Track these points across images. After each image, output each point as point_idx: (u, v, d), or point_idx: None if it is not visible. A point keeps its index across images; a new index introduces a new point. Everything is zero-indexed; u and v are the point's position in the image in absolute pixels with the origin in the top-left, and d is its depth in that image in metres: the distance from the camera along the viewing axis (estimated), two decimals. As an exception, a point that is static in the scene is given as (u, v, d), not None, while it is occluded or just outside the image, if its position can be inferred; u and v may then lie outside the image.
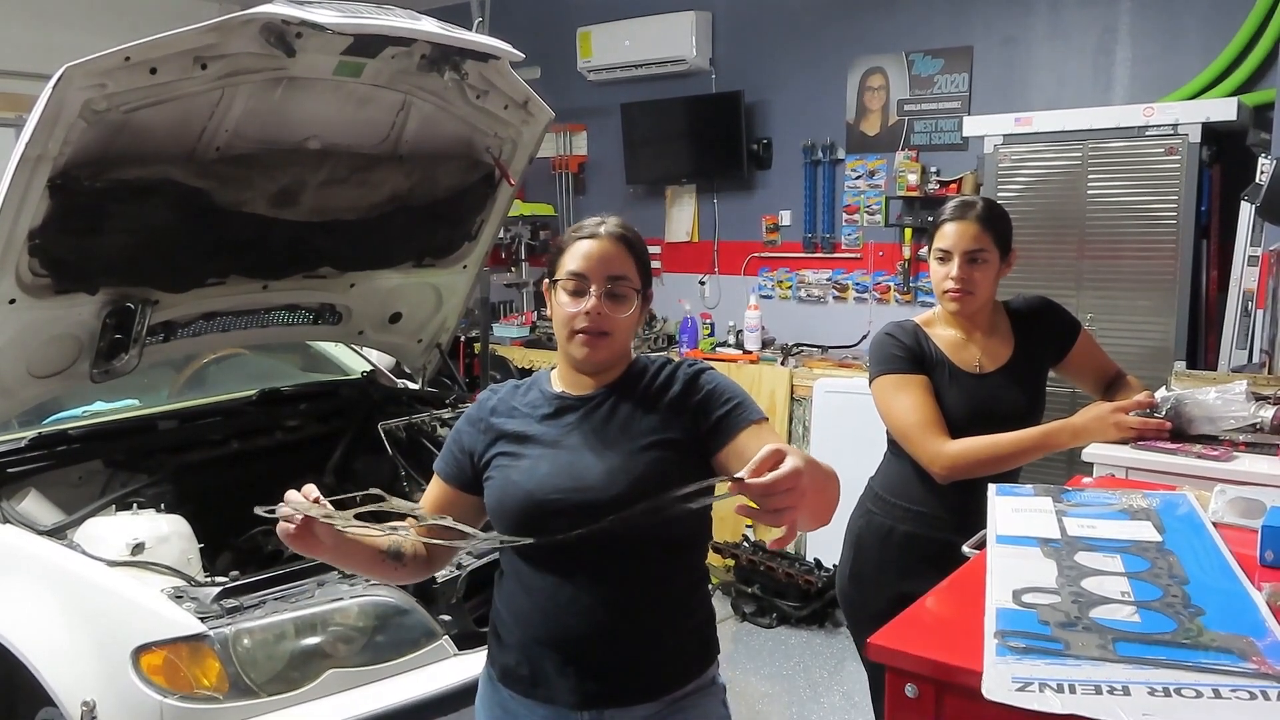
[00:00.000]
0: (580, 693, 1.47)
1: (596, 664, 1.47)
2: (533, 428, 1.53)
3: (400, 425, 3.10)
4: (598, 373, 1.54)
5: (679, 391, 1.52)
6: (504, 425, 1.54)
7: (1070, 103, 4.05)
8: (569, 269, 1.50)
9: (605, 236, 1.51)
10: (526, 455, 1.50)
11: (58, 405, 2.91)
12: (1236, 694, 0.98)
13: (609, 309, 1.48)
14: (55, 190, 2.22)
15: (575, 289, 1.49)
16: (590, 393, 1.54)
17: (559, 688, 1.48)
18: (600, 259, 1.49)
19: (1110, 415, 2.05)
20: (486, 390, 1.62)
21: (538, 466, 1.49)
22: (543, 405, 1.55)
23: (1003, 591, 1.23)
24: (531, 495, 1.46)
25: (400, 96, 2.67)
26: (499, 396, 1.59)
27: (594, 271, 1.48)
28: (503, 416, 1.55)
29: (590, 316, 1.47)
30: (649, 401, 1.52)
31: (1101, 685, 1.00)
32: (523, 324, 5.66)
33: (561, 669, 1.47)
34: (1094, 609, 1.17)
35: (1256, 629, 1.11)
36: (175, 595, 2.07)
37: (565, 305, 1.49)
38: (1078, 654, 1.06)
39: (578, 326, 1.48)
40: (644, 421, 1.50)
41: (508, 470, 1.50)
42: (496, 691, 1.56)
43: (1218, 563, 1.32)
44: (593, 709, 1.48)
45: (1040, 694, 0.99)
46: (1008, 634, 1.11)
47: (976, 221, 2.05)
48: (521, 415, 1.54)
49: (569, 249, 1.51)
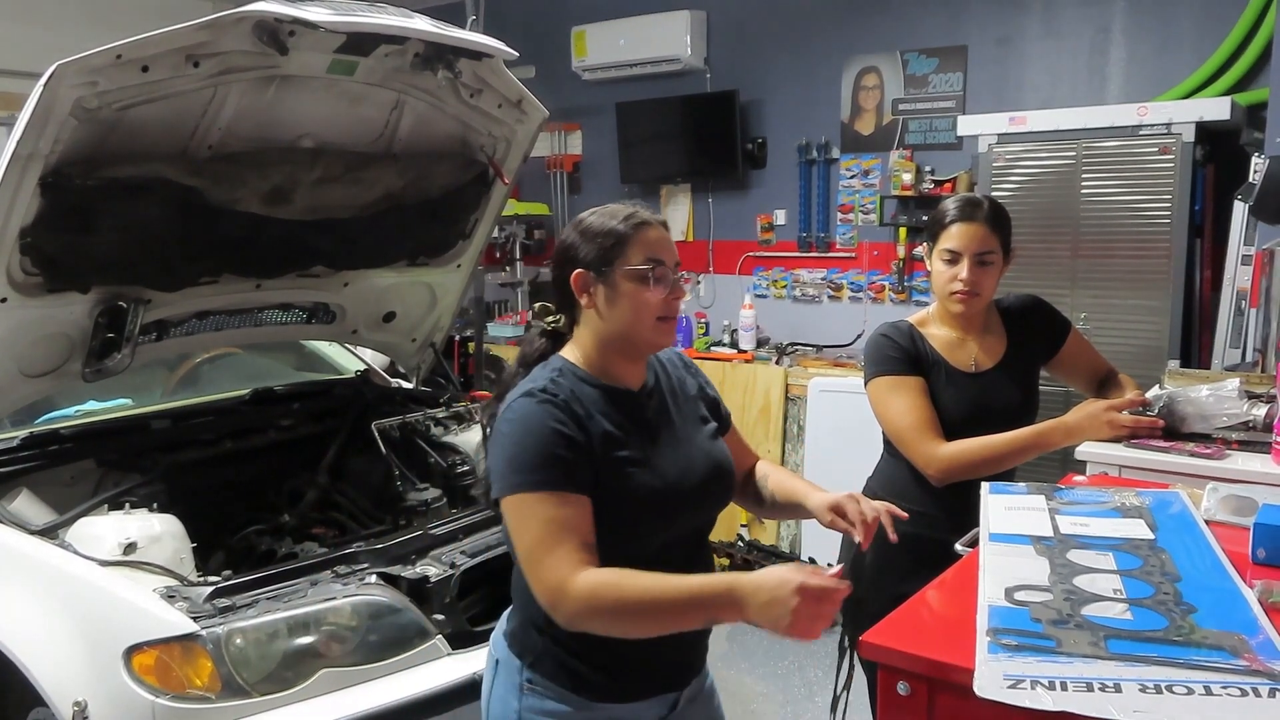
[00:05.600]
0: (679, 671, 1.57)
1: (689, 641, 1.56)
2: (621, 426, 1.49)
3: (394, 425, 3.09)
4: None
5: (696, 383, 1.66)
6: (595, 427, 1.45)
7: (1064, 102, 4.06)
8: (648, 256, 1.47)
9: (663, 225, 1.53)
10: (636, 454, 1.48)
11: (50, 404, 2.90)
12: (1227, 691, 0.98)
13: (680, 294, 1.53)
14: (47, 188, 2.21)
15: (659, 275, 1.48)
16: (643, 385, 1.56)
17: (668, 677, 1.55)
18: (672, 247, 1.52)
19: (1103, 414, 2.06)
20: (542, 400, 1.43)
21: (655, 463, 1.49)
22: (611, 402, 1.50)
23: (995, 589, 1.23)
24: (663, 492, 1.48)
25: (394, 95, 2.66)
26: (562, 398, 1.45)
27: (670, 259, 1.50)
28: (586, 419, 1.46)
29: (674, 302, 1.51)
30: (681, 390, 1.62)
31: (1093, 682, 1.00)
32: (517, 323, 5.65)
33: (669, 655, 1.53)
34: (1086, 606, 1.17)
35: (1248, 626, 1.11)
36: (167, 595, 2.06)
37: (647, 292, 1.47)
38: (1070, 651, 1.06)
39: (664, 313, 1.49)
40: (689, 408, 1.61)
41: (632, 472, 1.46)
42: (590, 709, 1.50)
43: (1210, 560, 1.32)
44: (678, 689, 1.57)
45: (1032, 691, 0.99)
46: (1000, 631, 1.11)
47: (985, 223, 2.04)
48: (598, 415, 1.47)
49: (636, 238, 1.48)
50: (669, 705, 1.57)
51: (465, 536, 2.45)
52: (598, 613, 1.33)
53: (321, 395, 3.31)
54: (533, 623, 1.50)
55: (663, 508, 1.48)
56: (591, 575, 1.33)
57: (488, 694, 1.59)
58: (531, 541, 1.37)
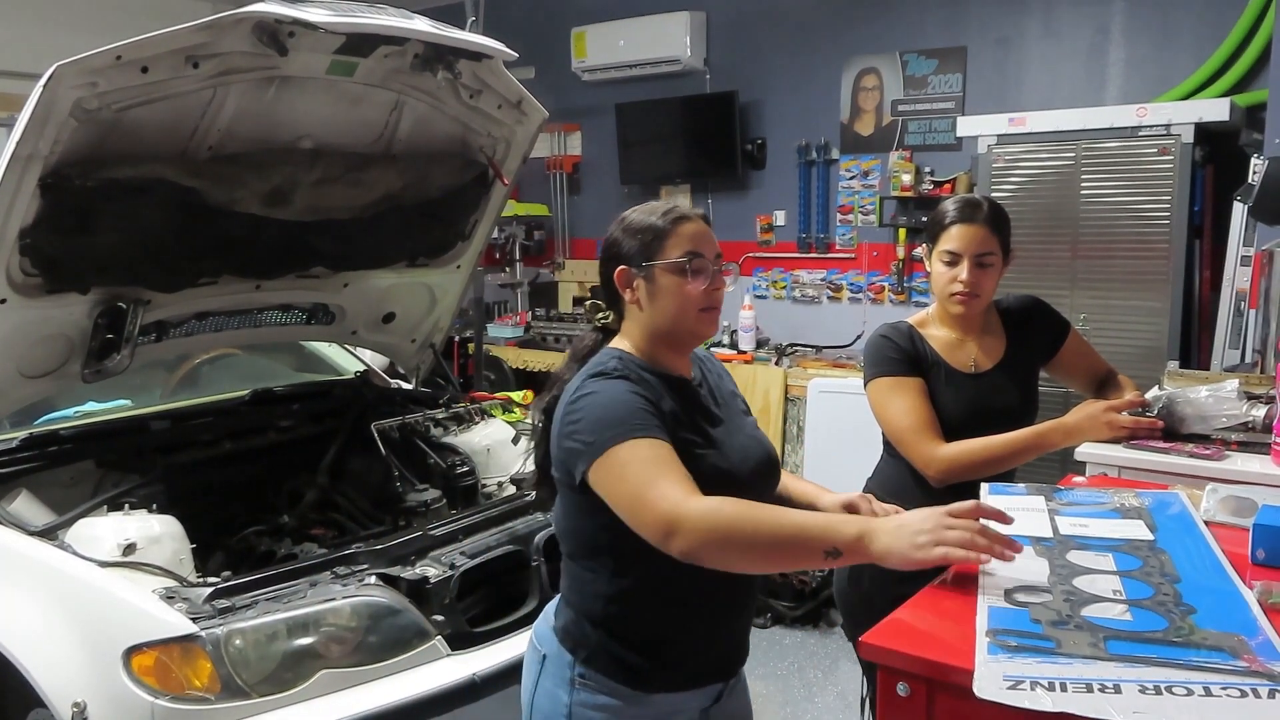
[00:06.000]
0: (730, 660, 1.61)
1: (742, 630, 1.62)
2: (683, 410, 1.52)
3: (394, 425, 3.09)
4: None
5: (728, 377, 1.71)
6: (665, 406, 1.49)
7: (1064, 103, 4.06)
8: (687, 249, 1.51)
9: (703, 219, 1.56)
10: (699, 438, 1.51)
11: (49, 405, 2.90)
12: (1227, 692, 0.98)
13: (721, 285, 1.56)
14: (46, 189, 2.21)
15: (698, 267, 1.51)
16: (691, 374, 1.61)
17: (720, 666, 1.58)
18: (712, 240, 1.55)
19: (1103, 414, 2.06)
20: (615, 376, 1.47)
21: (719, 446, 1.52)
22: (670, 389, 1.53)
23: (994, 590, 1.23)
24: (729, 474, 1.50)
25: (393, 96, 2.66)
26: (633, 377, 1.48)
27: (710, 251, 1.54)
28: (657, 400, 1.48)
29: (716, 293, 1.54)
30: (717, 381, 1.66)
31: (1093, 683, 1.00)
32: (517, 324, 5.65)
33: (724, 645, 1.57)
34: (1086, 607, 1.17)
35: (1248, 627, 1.11)
36: (167, 596, 2.06)
37: (687, 284, 1.51)
38: (1070, 653, 1.06)
39: (706, 304, 1.53)
40: (730, 400, 1.65)
41: (701, 454, 1.49)
42: (643, 702, 1.52)
43: (1209, 561, 1.32)
44: (728, 678, 1.60)
45: (1031, 692, 0.99)
46: (999, 632, 1.11)
47: (985, 224, 2.04)
48: (665, 397, 1.50)
49: (674, 232, 1.52)
50: (714, 696, 1.59)
51: (465, 537, 2.45)
52: (716, 530, 1.29)
53: (321, 396, 3.31)
54: (587, 617, 1.52)
55: (728, 490, 1.47)
56: (707, 498, 1.32)
57: (531, 689, 1.57)
58: (636, 481, 1.35)
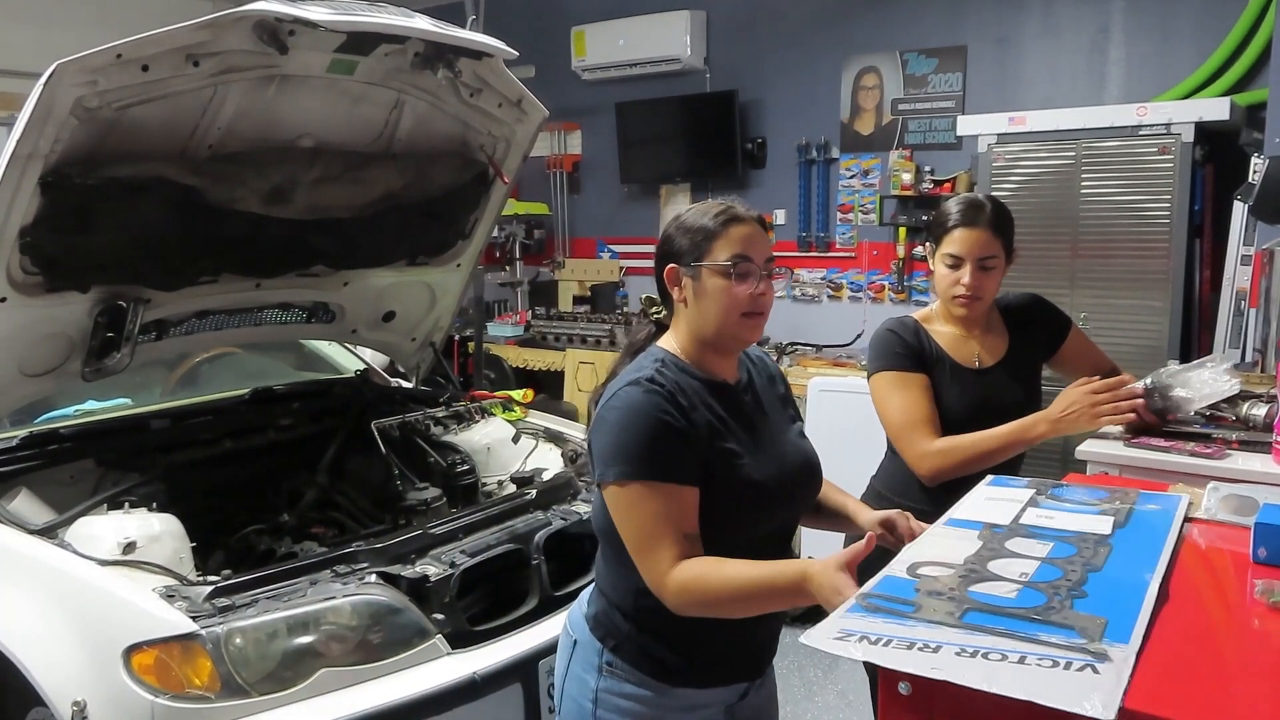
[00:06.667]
0: (758, 659, 1.62)
1: (771, 630, 1.62)
2: (723, 418, 1.52)
3: (394, 424, 3.09)
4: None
5: (783, 383, 1.71)
6: (700, 418, 1.49)
7: (1064, 102, 4.06)
8: (735, 252, 1.50)
9: (757, 221, 1.55)
10: (738, 446, 1.51)
11: (49, 404, 2.90)
12: (1040, 662, 0.95)
13: (768, 290, 1.54)
14: (46, 188, 2.21)
15: (744, 271, 1.50)
16: (738, 380, 1.61)
17: (748, 664, 1.59)
18: (763, 243, 1.54)
19: (1084, 399, 2.02)
20: (648, 389, 1.46)
21: (756, 455, 1.52)
22: (713, 393, 1.53)
23: (901, 564, 1.23)
24: (764, 484, 1.51)
25: (394, 94, 2.66)
26: (667, 389, 1.47)
27: (759, 255, 1.52)
28: (690, 410, 1.48)
29: (762, 298, 1.52)
30: (765, 387, 1.66)
31: (916, 642, 0.99)
32: (517, 323, 5.65)
33: (752, 644, 1.58)
34: (977, 584, 1.16)
35: (1121, 613, 1.07)
36: (167, 594, 2.06)
37: (733, 288, 1.50)
38: (924, 618, 1.05)
39: (751, 309, 1.51)
40: (777, 406, 1.65)
41: (738, 464, 1.49)
42: (668, 694, 1.53)
43: (1148, 559, 1.27)
44: (755, 677, 1.62)
45: (845, 643, 0.99)
46: (871, 595, 1.12)
47: (988, 227, 2.03)
48: (701, 406, 1.50)
49: (725, 233, 1.51)
50: (740, 693, 1.60)
51: (465, 536, 2.45)
52: (693, 605, 1.41)
53: (321, 395, 3.31)
54: (619, 608, 1.54)
55: (764, 499, 1.51)
56: (683, 571, 1.40)
57: (563, 672, 1.61)
58: (637, 535, 1.43)
